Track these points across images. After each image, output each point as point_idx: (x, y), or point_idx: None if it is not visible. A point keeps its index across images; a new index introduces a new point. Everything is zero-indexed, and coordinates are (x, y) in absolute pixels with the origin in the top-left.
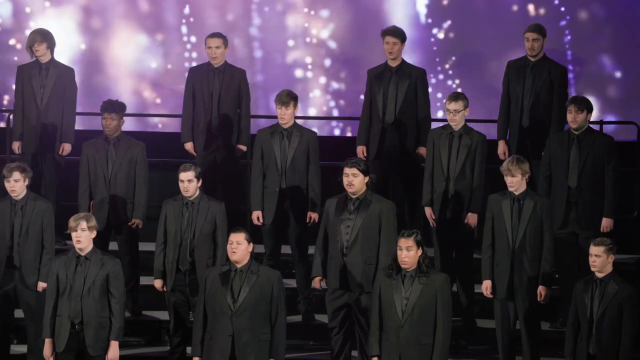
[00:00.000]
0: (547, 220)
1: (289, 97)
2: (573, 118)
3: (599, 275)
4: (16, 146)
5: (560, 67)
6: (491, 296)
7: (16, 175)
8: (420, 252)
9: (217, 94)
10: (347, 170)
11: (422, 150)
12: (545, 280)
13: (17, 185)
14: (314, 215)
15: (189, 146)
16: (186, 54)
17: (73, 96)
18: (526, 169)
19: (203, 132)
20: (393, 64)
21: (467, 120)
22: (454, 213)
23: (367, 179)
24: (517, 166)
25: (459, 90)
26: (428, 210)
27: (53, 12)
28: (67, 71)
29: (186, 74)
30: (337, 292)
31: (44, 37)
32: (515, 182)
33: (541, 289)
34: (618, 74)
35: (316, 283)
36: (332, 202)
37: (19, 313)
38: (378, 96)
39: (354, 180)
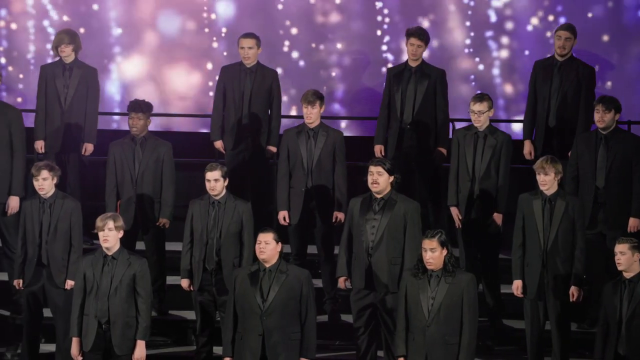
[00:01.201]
0: (579, 220)
1: (315, 97)
2: (600, 118)
3: (627, 275)
4: (39, 145)
5: (588, 67)
6: (522, 296)
7: (44, 173)
8: (445, 252)
9: (248, 94)
10: (372, 168)
11: (441, 150)
12: (577, 280)
13: (45, 183)
14: (340, 215)
15: (218, 144)
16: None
17: (96, 96)
18: (559, 169)
19: (232, 132)
20: (413, 64)
21: (492, 120)
22: (479, 213)
23: (391, 178)
24: (551, 165)
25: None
26: (454, 211)
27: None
28: (91, 71)
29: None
30: (362, 292)
31: (72, 38)
32: (548, 181)
33: (574, 290)
34: None
35: (341, 283)
36: (356, 202)
37: (47, 312)
38: (396, 96)
39: (379, 179)
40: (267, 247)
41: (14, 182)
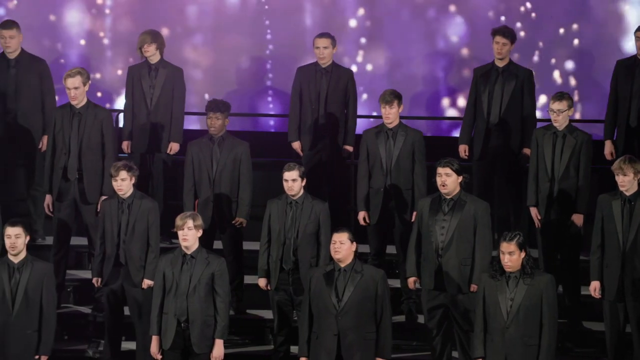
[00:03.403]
0: None
1: (393, 96)
2: None
3: None
4: (125, 145)
5: None
6: (599, 297)
7: (123, 174)
8: (523, 254)
9: (324, 94)
10: (440, 170)
11: (527, 151)
12: None
13: (123, 184)
14: None
15: (296, 145)
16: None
17: (182, 96)
18: (638, 169)
19: (309, 132)
20: (500, 63)
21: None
22: (560, 214)
23: (460, 178)
24: (629, 165)
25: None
26: (533, 211)
27: None
28: (176, 71)
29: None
30: (432, 292)
31: (154, 38)
32: (627, 182)
33: None
34: None
35: (410, 283)
36: (425, 203)
37: (128, 310)
38: (483, 96)
39: (447, 180)
40: (342, 247)
41: (105, 183)
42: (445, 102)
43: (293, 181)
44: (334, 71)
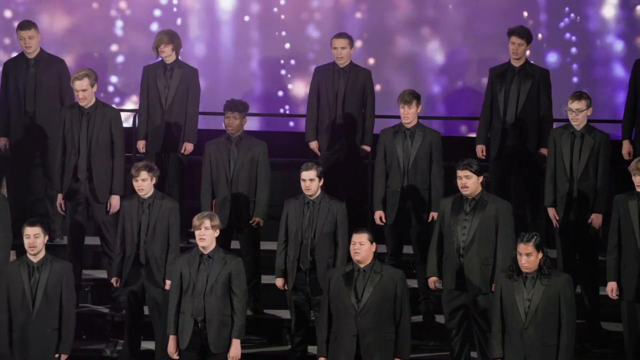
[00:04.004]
0: None
1: (412, 96)
2: None
3: None
4: (140, 145)
5: None
6: (616, 298)
7: (144, 174)
8: (540, 255)
9: (342, 94)
10: (459, 172)
11: (544, 151)
12: None
13: (144, 184)
14: (436, 216)
15: (313, 145)
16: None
17: (196, 96)
18: None
19: (327, 132)
20: (516, 63)
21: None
22: (578, 214)
23: (481, 178)
24: None
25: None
26: (551, 211)
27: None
28: (191, 71)
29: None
30: (453, 292)
31: (171, 38)
32: None
33: None
34: None
35: (431, 283)
36: (447, 203)
37: (147, 310)
38: (499, 96)
39: (468, 182)
40: (362, 247)
41: (114, 182)
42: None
43: (310, 181)
44: (352, 71)
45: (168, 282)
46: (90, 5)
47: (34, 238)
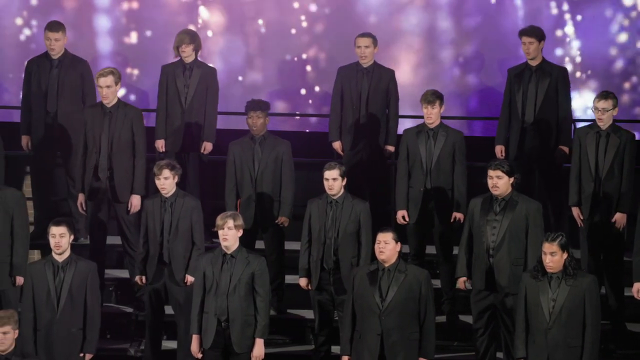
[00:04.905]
0: None
1: (435, 96)
2: None
3: None
4: (159, 144)
5: None
6: None
7: (166, 172)
8: (565, 255)
9: (365, 94)
10: (491, 172)
11: (565, 149)
12: None
13: (167, 182)
14: (459, 215)
15: (336, 145)
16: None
17: (215, 95)
18: None
19: (350, 132)
20: (533, 63)
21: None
22: (603, 214)
23: (512, 179)
24: None
25: None
26: (575, 211)
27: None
28: (210, 71)
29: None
30: (483, 293)
31: (192, 39)
32: None
33: None
34: None
35: (461, 284)
36: (476, 203)
37: (169, 309)
38: (517, 96)
39: (499, 183)
40: (387, 247)
41: (135, 181)
42: None
43: (334, 180)
44: (376, 71)
45: (189, 278)
46: None
47: (60, 237)
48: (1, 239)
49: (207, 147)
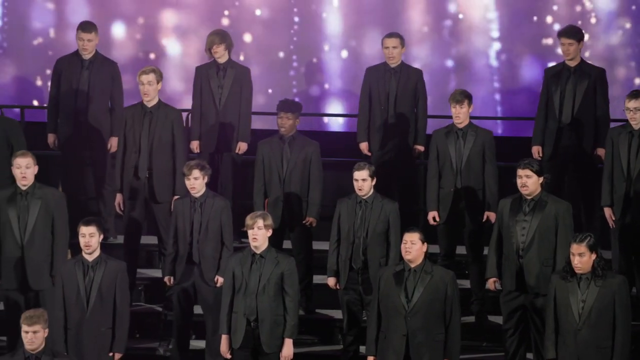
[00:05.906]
0: None
1: (463, 96)
2: None
3: None
4: (194, 145)
5: None
6: None
7: (196, 173)
8: (594, 256)
9: (393, 94)
10: (520, 172)
11: (601, 151)
12: None
13: (196, 183)
14: (490, 215)
15: (363, 146)
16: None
17: (249, 96)
18: None
19: (379, 132)
20: (571, 63)
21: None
22: (635, 215)
23: (541, 179)
24: None
25: None
26: (607, 211)
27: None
28: (244, 71)
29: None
30: (513, 293)
31: (222, 38)
32: None
33: None
34: None
35: (490, 284)
36: (506, 203)
37: (197, 309)
38: (555, 96)
39: (528, 182)
40: (413, 247)
41: (177, 182)
42: None
43: (363, 181)
44: (403, 71)
45: (220, 279)
46: None
47: (89, 237)
48: (42, 238)
49: (242, 147)
